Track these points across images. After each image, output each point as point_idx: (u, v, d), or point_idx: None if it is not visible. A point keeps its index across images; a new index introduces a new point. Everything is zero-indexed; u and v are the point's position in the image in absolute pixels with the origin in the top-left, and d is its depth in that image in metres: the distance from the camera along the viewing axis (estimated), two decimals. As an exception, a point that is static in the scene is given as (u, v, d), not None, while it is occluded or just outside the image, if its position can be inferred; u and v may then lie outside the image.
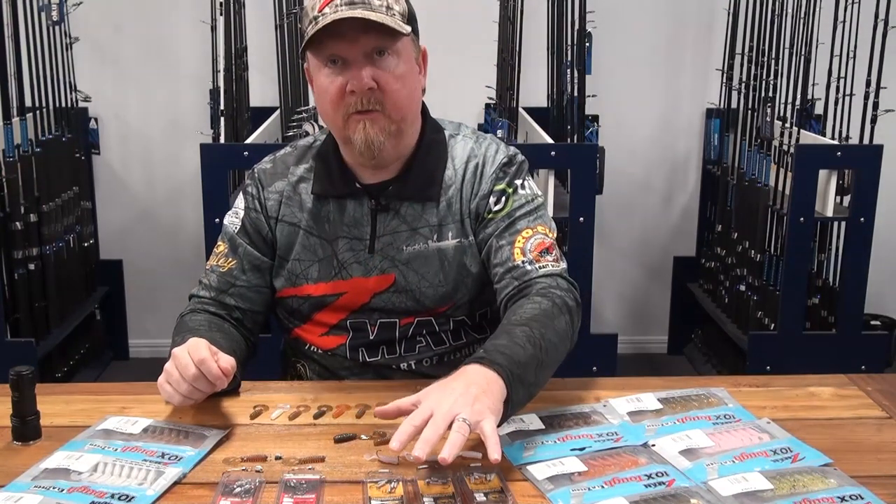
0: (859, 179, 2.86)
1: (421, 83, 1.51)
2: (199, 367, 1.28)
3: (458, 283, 1.53)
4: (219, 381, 1.30)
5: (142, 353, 3.69)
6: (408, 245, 1.52)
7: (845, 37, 2.97)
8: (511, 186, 1.53)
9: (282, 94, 3.23)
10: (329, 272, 1.54)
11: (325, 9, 1.39)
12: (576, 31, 3.09)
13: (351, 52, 1.40)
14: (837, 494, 1.12)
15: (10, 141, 2.89)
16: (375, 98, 1.41)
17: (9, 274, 2.95)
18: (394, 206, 1.52)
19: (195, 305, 1.58)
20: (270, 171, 1.60)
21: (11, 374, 1.26)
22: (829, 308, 3.10)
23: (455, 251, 1.52)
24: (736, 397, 1.41)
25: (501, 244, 1.49)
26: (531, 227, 1.50)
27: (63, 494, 1.12)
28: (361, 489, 1.14)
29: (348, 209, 1.53)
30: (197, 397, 1.33)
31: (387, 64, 1.41)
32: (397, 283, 1.52)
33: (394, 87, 1.42)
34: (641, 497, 1.11)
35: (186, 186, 3.57)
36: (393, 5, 1.41)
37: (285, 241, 1.56)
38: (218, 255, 1.59)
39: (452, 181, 1.54)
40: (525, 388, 1.28)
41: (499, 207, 1.52)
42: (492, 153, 1.55)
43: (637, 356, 3.79)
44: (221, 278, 1.57)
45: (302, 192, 1.56)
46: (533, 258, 1.48)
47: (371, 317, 1.54)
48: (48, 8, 3.06)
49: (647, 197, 3.74)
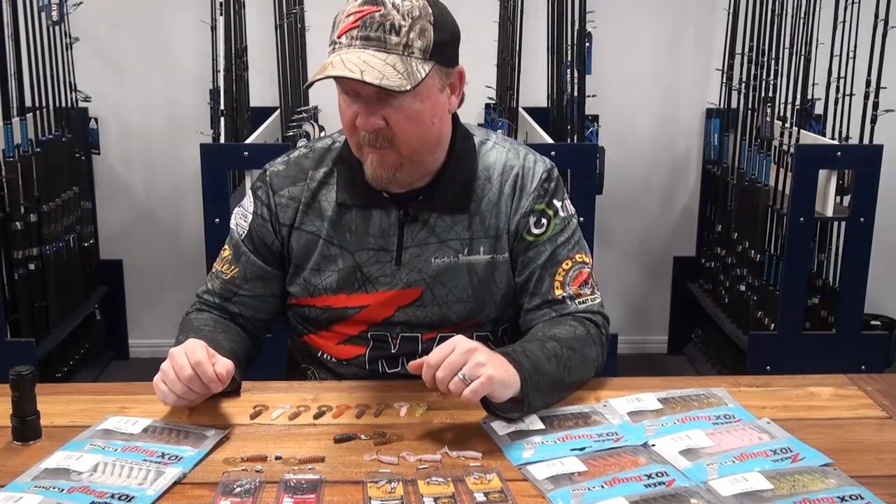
0: (859, 179, 2.86)
1: (447, 109, 1.43)
2: (195, 369, 1.28)
3: (486, 300, 1.50)
4: (213, 385, 1.29)
5: (142, 353, 3.69)
6: (436, 258, 1.48)
7: (845, 37, 2.97)
8: (551, 208, 1.51)
9: (282, 94, 3.23)
10: (351, 284, 1.49)
11: (342, 37, 1.33)
12: (576, 31, 3.09)
13: (361, 89, 1.33)
14: (837, 494, 1.12)
15: (10, 141, 2.89)
16: (384, 136, 1.37)
17: (9, 274, 2.94)
18: (423, 217, 1.48)
19: (201, 305, 1.57)
20: (284, 173, 1.53)
21: (11, 374, 1.26)
22: (829, 308, 3.10)
23: (486, 267, 1.49)
24: (736, 397, 1.41)
25: (542, 274, 1.49)
26: (570, 256, 1.51)
27: (63, 494, 1.12)
28: (361, 489, 1.14)
29: (374, 219, 1.48)
30: (191, 398, 1.32)
31: (399, 103, 1.34)
32: (424, 297, 1.48)
33: (404, 127, 1.36)
34: (641, 497, 1.11)
35: (186, 186, 3.57)
36: (414, 41, 1.33)
37: (302, 249, 1.51)
38: (223, 261, 1.56)
39: (485, 193, 1.49)
40: (541, 397, 1.33)
41: (539, 231, 1.50)
42: (530, 165, 1.51)
43: (637, 356, 3.79)
44: (224, 286, 1.55)
45: (322, 200, 1.50)
46: (573, 293, 1.49)
47: (393, 330, 1.50)
48: (48, 8, 3.06)
49: (647, 197, 3.73)
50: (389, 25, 1.31)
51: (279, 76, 3.22)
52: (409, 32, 1.32)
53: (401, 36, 1.32)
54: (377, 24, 1.31)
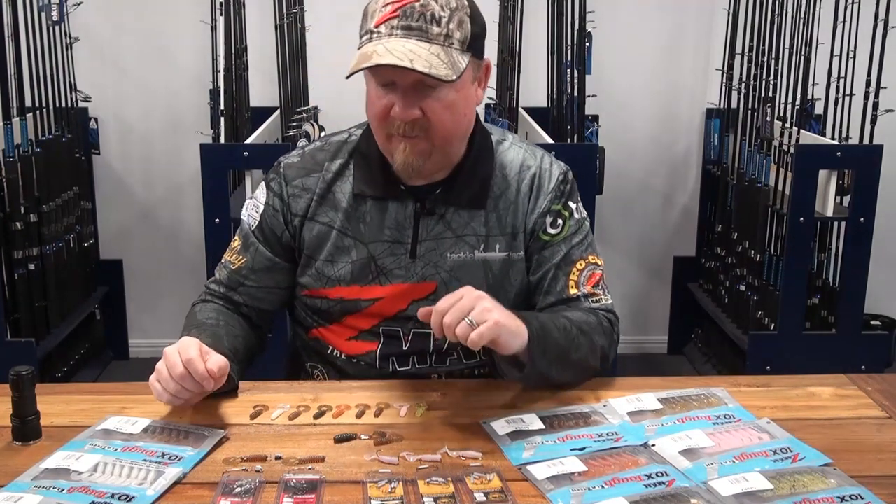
0: (859, 179, 2.86)
1: (476, 101, 1.46)
2: (187, 367, 1.27)
3: (500, 297, 1.47)
4: (205, 382, 1.28)
5: (142, 353, 3.69)
6: (452, 252, 1.49)
7: (845, 37, 2.97)
8: (567, 209, 1.53)
9: (282, 94, 3.22)
10: (365, 276, 1.50)
11: (381, 26, 1.34)
12: (576, 31, 3.09)
13: (401, 79, 1.35)
14: (837, 494, 1.12)
15: (10, 141, 2.89)
16: (419, 125, 1.38)
17: (9, 274, 2.94)
18: (439, 211, 1.49)
19: (206, 296, 1.57)
20: (298, 164, 1.54)
21: (11, 374, 1.26)
22: (829, 308, 3.10)
23: (502, 264, 1.51)
24: (736, 397, 1.41)
25: (556, 273, 1.51)
26: (584, 257, 1.53)
27: (63, 494, 1.12)
28: (361, 489, 1.14)
29: (390, 211, 1.49)
30: (185, 397, 1.31)
31: (438, 93, 1.36)
32: (438, 292, 1.48)
33: (440, 117, 1.38)
34: (641, 497, 1.11)
35: (186, 186, 3.56)
36: (454, 32, 1.35)
37: (315, 240, 1.51)
38: (232, 251, 1.56)
39: (502, 190, 1.51)
40: (545, 362, 1.34)
41: (555, 231, 1.51)
42: (547, 166, 1.53)
43: (637, 356, 3.79)
44: (231, 276, 1.55)
45: (337, 191, 1.51)
46: (587, 292, 1.52)
47: (405, 326, 1.51)
48: (48, 8, 3.06)
49: (647, 197, 3.73)
50: (430, 16, 1.33)
51: (279, 76, 3.22)
52: (449, 23, 1.34)
53: (441, 26, 1.34)
54: (418, 13, 1.33)
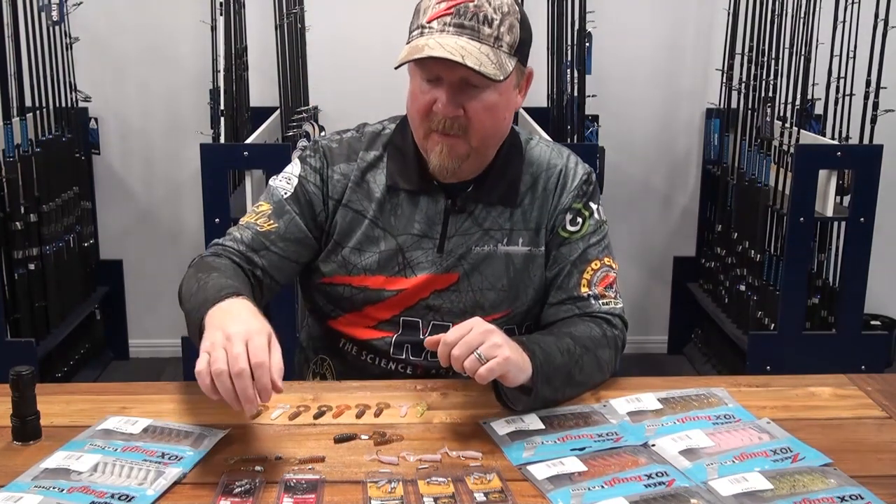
0: (859, 179, 2.86)
1: (515, 107, 1.48)
2: (255, 370, 1.14)
3: (520, 291, 1.52)
4: (264, 394, 1.15)
5: (142, 353, 3.69)
6: (477, 245, 1.51)
7: (845, 37, 2.97)
8: (588, 209, 1.54)
9: (282, 94, 3.22)
10: (392, 267, 1.51)
11: (433, 22, 1.36)
12: (576, 31, 3.10)
13: (447, 75, 1.37)
14: (837, 494, 1.12)
15: (10, 141, 2.89)
16: (459, 124, 1.40)
17: (9, 274, 2.94)
18: (469, 208, 1.51)
19: (217, 250, 1.50)
20: (337, 150, 1.54)
21: (11, 374, 1.25)
22: (829, 308, 3.10)
23: (524, 259, 1.52)
24: (736, 397, 1.41)
25: (571, 270, 1.52)
26: (599, 258, 1.54)
27: (63, 494, 1.12)
28: (361, 489, 1.14)
29: (421, 205, 1.51)
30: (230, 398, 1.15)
31: (481, 94, 1.39)
32: (460, 283, 1.50)
33: (481, 118, 1.40)
34: (641, 497, 1.11)
35: (186, 186, 3.57)
36: (504, 35, 1.37)
37: (346, 227, 1.52)
38: (258, 214, 1.52)
39: (528, 187, 1.53)
40: (549, 389, 1.34)
41: (574, 229, 1.53)
42: (573, 165, 1.56)
43: (637, 356, 3.79)
44: (257, 237, 1.50)
45: (370, 181, 1.52)
46: (598, 292, 1.52)
47: (425, 317, 1.52)
48: (48, 8, 3.06)
49: (647, 197, 3.74)
50: (483, 16, 1.36)
51: (279, 76, 3.22)
52: (500, 26, 1.37)
53: (493, 28, 1.36)
54: (471, 13, 1.36)
